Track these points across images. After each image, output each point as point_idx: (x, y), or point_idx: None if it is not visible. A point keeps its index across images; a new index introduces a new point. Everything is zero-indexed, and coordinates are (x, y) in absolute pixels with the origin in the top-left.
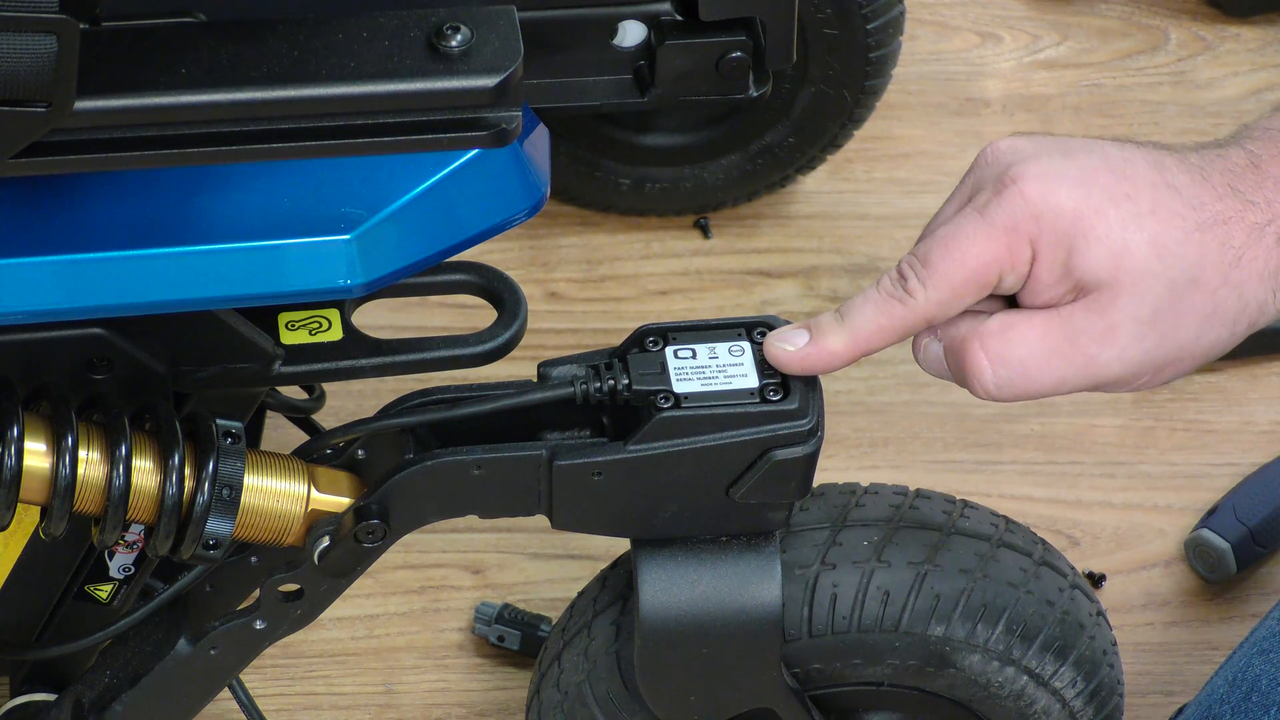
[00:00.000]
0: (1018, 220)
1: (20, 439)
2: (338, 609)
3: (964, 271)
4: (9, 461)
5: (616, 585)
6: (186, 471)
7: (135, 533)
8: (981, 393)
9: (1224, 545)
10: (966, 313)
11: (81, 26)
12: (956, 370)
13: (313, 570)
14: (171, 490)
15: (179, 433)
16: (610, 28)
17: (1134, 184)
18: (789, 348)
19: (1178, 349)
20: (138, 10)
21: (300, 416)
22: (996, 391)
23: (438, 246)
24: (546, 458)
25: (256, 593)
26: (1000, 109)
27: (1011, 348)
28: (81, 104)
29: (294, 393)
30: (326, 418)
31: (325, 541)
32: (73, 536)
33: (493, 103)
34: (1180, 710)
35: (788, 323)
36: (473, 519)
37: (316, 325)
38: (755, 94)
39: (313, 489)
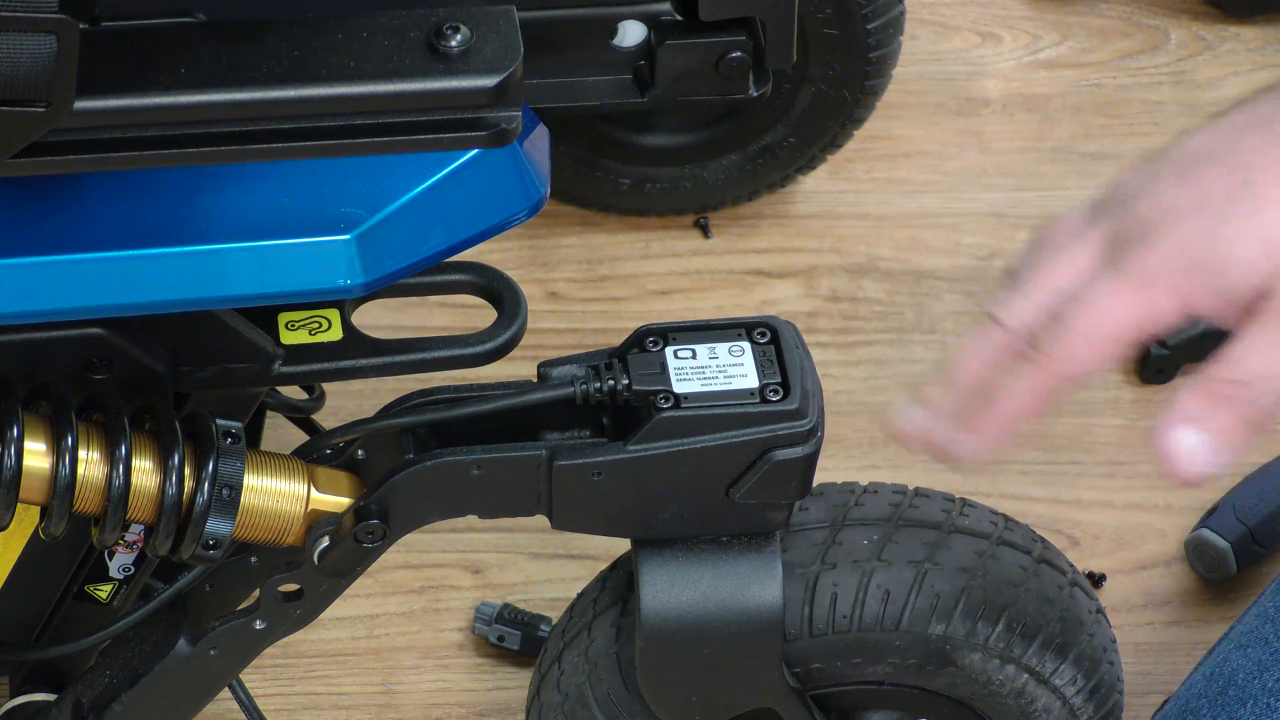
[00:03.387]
0: (1154, 278)
1: (20, 439)
2: (338, 609)
3: (1110, 340)
4: (9, 461)
5: (616, 586)
6: (186, 471)
7: (135, 533)
8: (1266, 414)
9: (1224, 545)
10: (1186, 391)
11: (81, 26)
12: (1228, 424)
13: (312, 570)
14: (171, 490)
15: (179, 433)
16: (610, 28)
17: (1248, 164)
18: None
19: None
20: (138, 10)
21: (300, 416)
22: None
23: (438, 246)
24: (546, 458)
25: (256, 593)
26: (1000, 109)
27: (1248, 365)
28: (81, 104)
29: (294, 393)
30: (326, 418)
31: (325, 541)
32: (73, 536)
33: (492, 103)
34: (1163, 705)
35: (789, 323)
36: (473, 519)
37: (316, 325)
38: (755, 94)
39: (312, 489)
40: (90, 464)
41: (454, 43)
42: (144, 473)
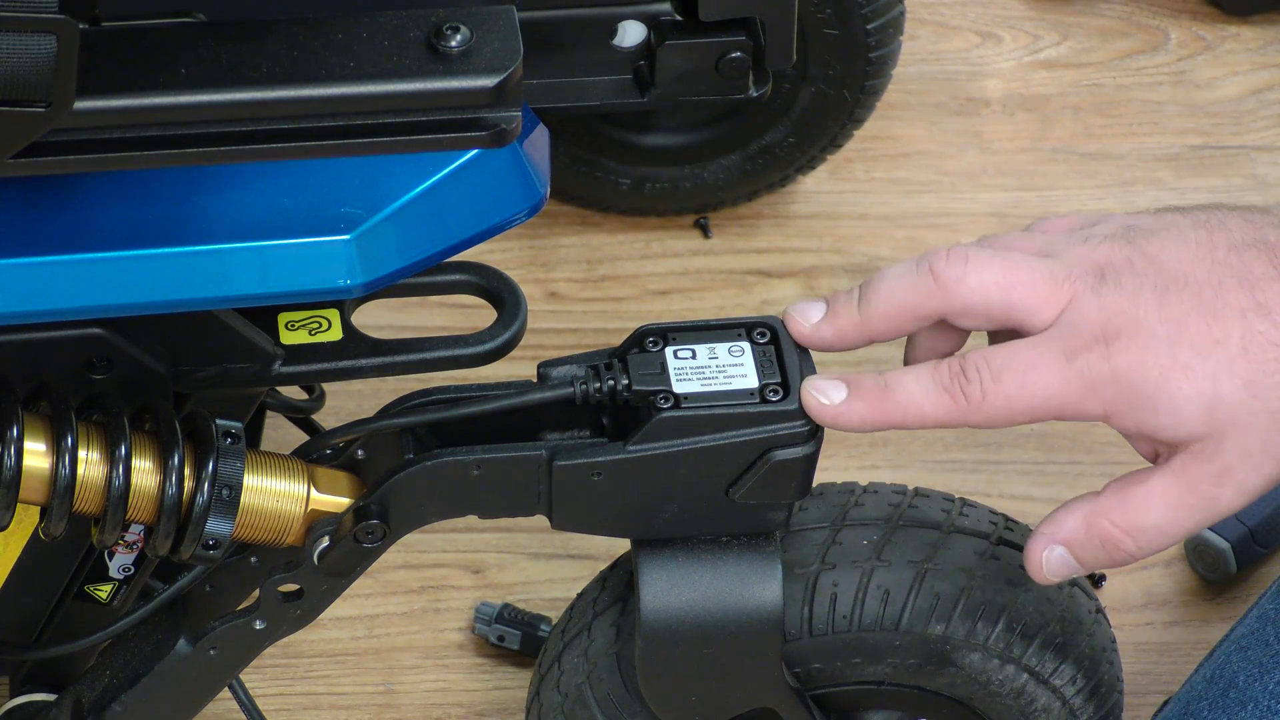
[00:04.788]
0: (1098, 381)
1: (20, 439)
2: (338, 609)
3: (1027, 405)
4: (9, 461)
5: (616, 586)
6: (186, 471)
7: (135, 533)
8: (1127, 561)
9: (1224, 545)
10: (1066, 504)
11: (81, 26)
12: (1093, 557)
13: (312, 570)
14: (171, 490)
15: (179, 433)
16: (610, 28)
17: (1224, 323)
18: (824, 400)
19: None
20: (138, 10)
21: (300, 416)
22: (1141, 555)
23: (438, 247)
24: (546, 458)
25: (256, 593)
26: (1000, 109)
27: (1139, 515)
28: (81, 104)
29: (294, 393)
30: (326, 418)
31: (325, 542)
32: (73, 536)
33: (492, 103)
34: (1163, 705)
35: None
36: (473, 519)
37: (316, 325)
38: (755, 94)
39: (312, 489)
40: (90, 464)
41: (454, 43)
42: (144, 473)
